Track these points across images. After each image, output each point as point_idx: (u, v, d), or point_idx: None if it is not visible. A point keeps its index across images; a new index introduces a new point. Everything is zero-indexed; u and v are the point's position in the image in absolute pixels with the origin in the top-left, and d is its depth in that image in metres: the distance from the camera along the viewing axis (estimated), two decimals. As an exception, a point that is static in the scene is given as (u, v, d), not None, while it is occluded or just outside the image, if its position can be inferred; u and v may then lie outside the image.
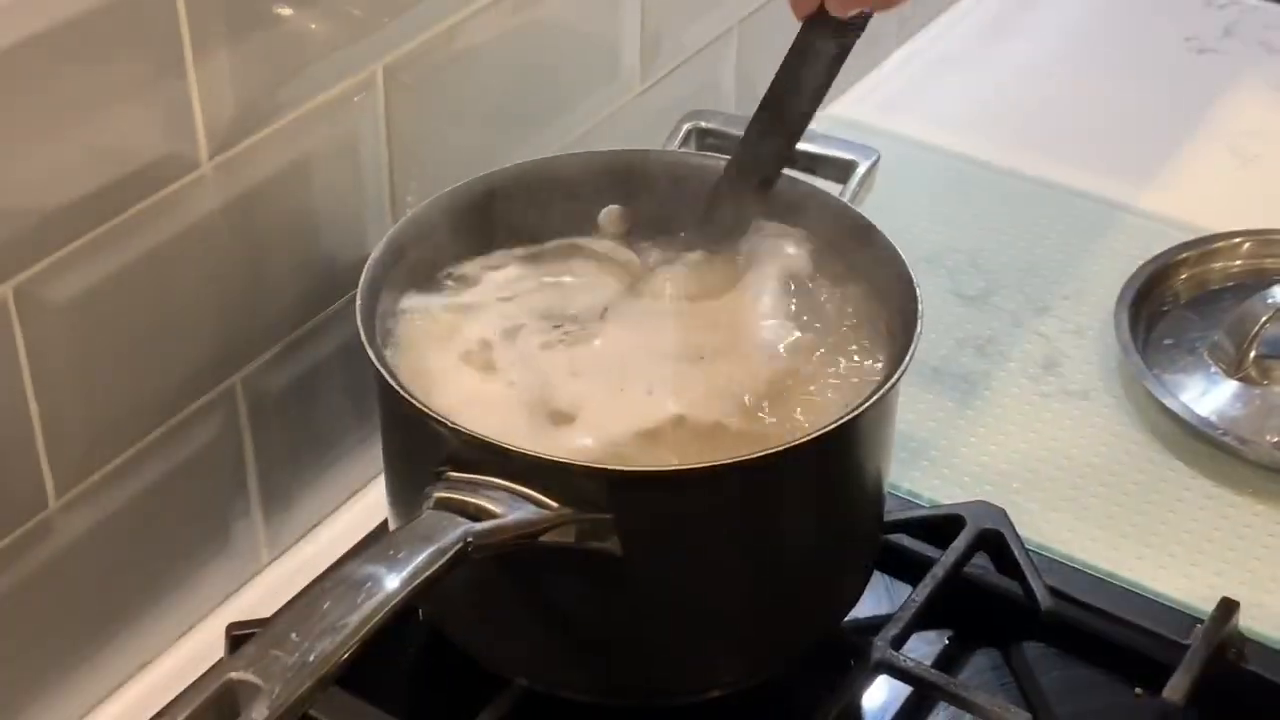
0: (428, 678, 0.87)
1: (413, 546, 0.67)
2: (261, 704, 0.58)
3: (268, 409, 0.90)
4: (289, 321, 0.90)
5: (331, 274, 0.91)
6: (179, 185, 0.80)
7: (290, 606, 0.64)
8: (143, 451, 0.83)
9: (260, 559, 0.93)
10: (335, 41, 0.86)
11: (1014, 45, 1.42)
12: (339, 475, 0.96)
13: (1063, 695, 0.85)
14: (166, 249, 0.80)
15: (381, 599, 0.63)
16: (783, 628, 0.81)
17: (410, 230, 0.85)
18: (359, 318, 0.78)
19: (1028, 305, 1.11)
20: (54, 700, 0.84)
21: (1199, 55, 1.40)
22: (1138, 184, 1.23)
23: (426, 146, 0.94)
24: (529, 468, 0.71)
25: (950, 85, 1.37)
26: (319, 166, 0.88)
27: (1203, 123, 1.31)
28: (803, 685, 0.83)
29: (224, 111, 0.80)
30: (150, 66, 0.76)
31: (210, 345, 0.85)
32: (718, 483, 0.74)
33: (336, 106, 0.87)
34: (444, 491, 0.71)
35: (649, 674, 0.80)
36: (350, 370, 0.93)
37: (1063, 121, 1.32)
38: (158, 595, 0.88)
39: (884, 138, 1.22)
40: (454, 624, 0.82)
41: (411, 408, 0.74)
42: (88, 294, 0.77)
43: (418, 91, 0.92)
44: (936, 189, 1.23)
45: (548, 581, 0.77)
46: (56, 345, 0.77)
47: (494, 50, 0.96)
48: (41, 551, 0.80)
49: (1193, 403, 1.01)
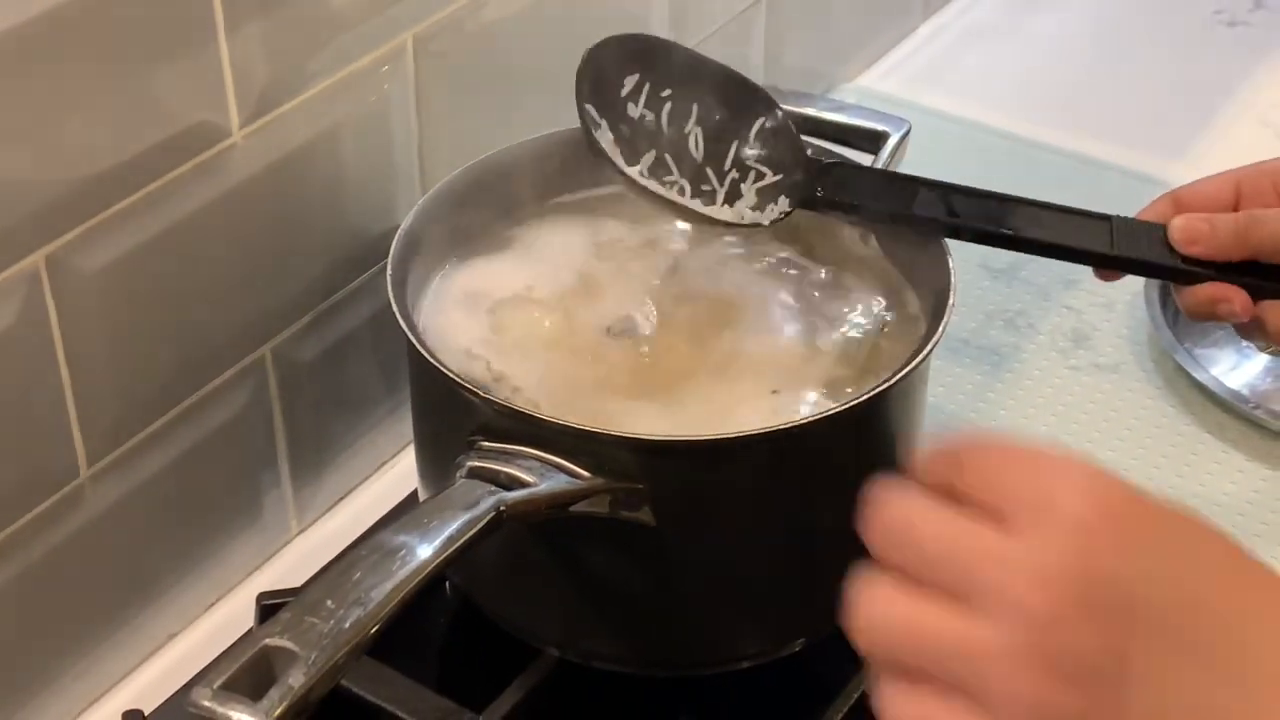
0: (458, 648, 0.87)
1: (446, 515, 0.67)
2: (298, 670, 0.58)
3: (298, 379, 0.90)
4: (319, 291, 0.89)
5: (361, 244, 0.90)
6: (210, 154, 0.80)
7: (324, 574, 0.64)
8: (173, 421, 0.83)
9: (289, 529, 0.94)
10: (365, 11, 0.86)
11: (1041, 18, 1.41)
12: (368, 446, 0.96)
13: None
14: (197, 218, 0.80)
15: (415, 567, 0.63)
16: (813, 599, 0.81)
17: (441, 200, 0.85)
18: (390, 288, 0.78)
19: (1057, 279, 1.11)
20: (85, 669, 0.84)
21: (1229, 28, 1.39)
22: (1167, 157, 1.23)
23: (456, 116, 0.93)
24: (561, 437, 0.71)
25: (978, 58, 1.36)
26: (349, 136, 0.87)
27: (1233, 95, 1.30)
28: (832, 657, 0.82)
29: (255, 80, 0.80)
30: (182, 35, 0.76)
31: (240, 315, 0.85)
32: (750, 452, 0.74)
33: (367, 76, 0.87)
34: (476, 461, 0.71)
35: (680, 644, 0.80)
36: (380, 340, 0.93)
37: (1092, 94, 1.31)
38: (187, 565, 0.88)
39: (912, 110, 1.21)
40: (485, 594, 0.82)
41: (444, 377, 0.74)
42: (119, 263, 0.77)
43: (448, 61, 0.92)
44: (964, 161, 1.22)
45: (579, 551, 0.77)
46: (88, 314, 0.77)
47: (523, 20, 0.96)
48: (73, 520, 0.80)
49: (1223, 376, 1.00)
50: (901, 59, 1.36)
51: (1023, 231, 0.75)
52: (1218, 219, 0.72)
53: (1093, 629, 0.47)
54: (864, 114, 0.94)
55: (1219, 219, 0.72)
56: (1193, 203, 0.75)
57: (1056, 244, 0.75)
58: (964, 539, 0.49)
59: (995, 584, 0.48)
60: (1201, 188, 0.75)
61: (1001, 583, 0.48)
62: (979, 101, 1.30)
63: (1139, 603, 0.48)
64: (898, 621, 0.50)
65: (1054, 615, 0.47)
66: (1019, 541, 0.48)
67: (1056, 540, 0.48)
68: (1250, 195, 0.74)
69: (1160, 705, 0.48)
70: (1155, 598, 0.48)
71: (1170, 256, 0.74)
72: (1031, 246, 0.76)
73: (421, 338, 0.77)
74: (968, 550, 0.49)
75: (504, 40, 0.95)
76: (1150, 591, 0.48)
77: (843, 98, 1.27)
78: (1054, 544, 0.48)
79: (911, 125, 0.94)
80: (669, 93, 0.82)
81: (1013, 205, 0.77)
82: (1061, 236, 0.75)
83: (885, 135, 0.92)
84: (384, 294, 0.79)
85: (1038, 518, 0.48)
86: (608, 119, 0.81)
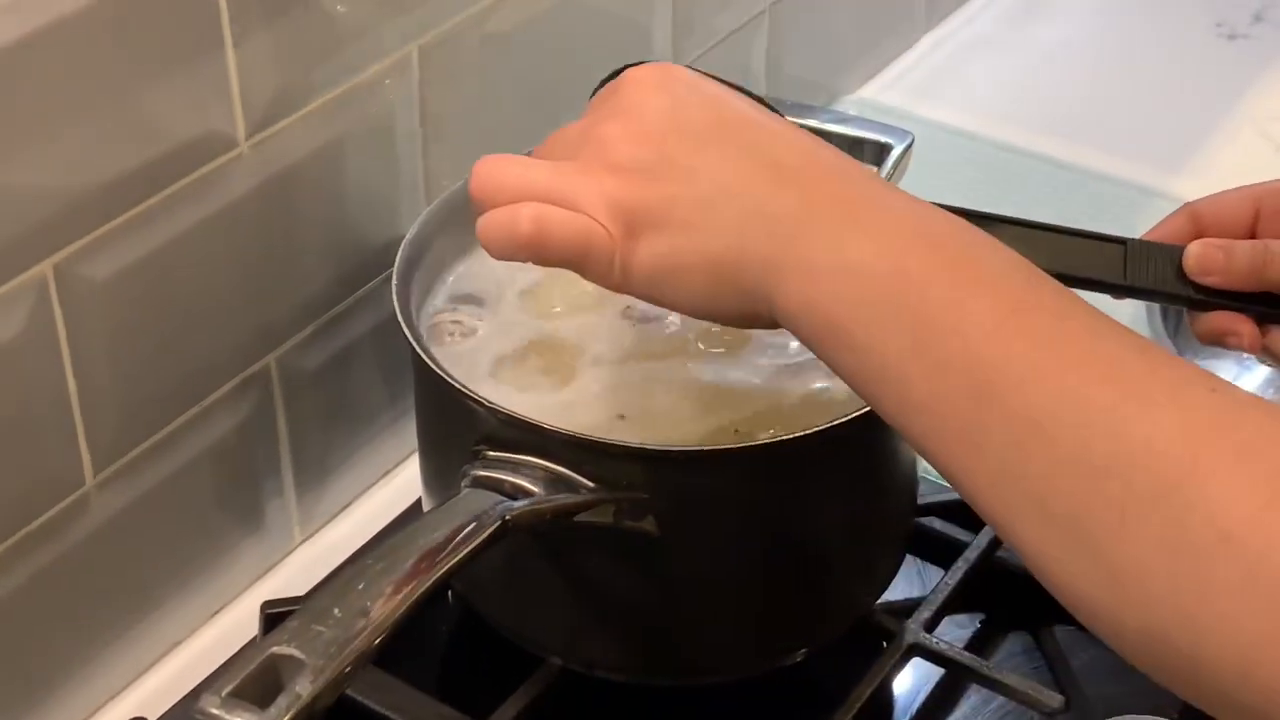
0: (461, 656, 0.87)
1: (452, 524, 0.67)
2: (305, 678, 0.58)
3: (302, 388, 0.90)
4: (323, 301, 0.90)
5: (366, 254, 0.91)
6: (216, 164, 0.80)
7: (331, 583, 0.64)
8: (178, 429, 0.84)
9: (293, 538, 0.94)
10: (371, 23, 0.86)
11: (1043, 30, 1.42)
12: (372, 454, 0.97)
13: (1094, 678, 0.85)
14: (204, 228, 0.80)
15: (421, 575, 0.63)
16: (817, 609, 0.81)
17: (445, 210, 0.85)
18: (395, 298, 0.78)
19: (1058, 290, 1.11)
20: (88, 676, 0.84)
21: (1229, 41, 1.40)
22: (1168, 170, 1.23)
23: (460, 127, 0.94)
24: (565, 447, 0.72)
25: (980, 70, 1.37)
26: (354, 147, 0.88)
27: (1233, 108, 1.31)
28: (836, 667, 0.83)
29: (262, 91, 0.81)
30: (190, 45, 0.77)
31: (245, 324, 0.86)
32: (753, 464, 0.74)
33: (372, 87, 0.87)
34: (481, 470, 0.71)
35: (682, 654, 0.80)
36: (383, 350, 0.94)
37: (1093, 107, 1.32)
38: (191, 573, 0.88)
39: (912, 121, 1.21)
40: (487, 602, 0.83)
41: (449, 387, 0.74)
42: (126, 271, 0.77)
43: (452, 73, 0.92)
44: (966, 173, 1.23)
45: (583, 560, 0.77)
46: (95, 322, 0.77)
47: (527, 32, 0.96)
48: (78, 528, 0.80)
49: (1224, 388, 1.01)
50: (903, 71, 1.37)
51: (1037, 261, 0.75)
52: (1235, 248, 0.72)
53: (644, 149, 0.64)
54: (867, 126, 0.94)
55: (1236, 248, 0.72)
56: (1211, 219, 0.75)
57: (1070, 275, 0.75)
58: (555, 138, 0.69)
59: (577, 135, 0.67)
60: (1220, 204, 0.75)
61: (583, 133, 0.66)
62: (980, 113, 1.30)
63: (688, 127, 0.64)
64: (509, 166, 0.67)
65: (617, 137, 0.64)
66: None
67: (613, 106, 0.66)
68: (1269, 215, 0.74)
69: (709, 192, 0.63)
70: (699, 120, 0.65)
71: (1184, 286, 0.74)
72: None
73: (426, 348, 0.77)
74: (559, 138, 0.68)
75: (508, 51, 0.96)
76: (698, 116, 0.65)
77: (844, 109, 1.28)
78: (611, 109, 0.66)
79: (915, 137, 0.95)
80: None
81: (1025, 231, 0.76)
82: (1075, 266, 0.75)
83: (889, 147, 0.92)
84: (387, 304, 0.79)
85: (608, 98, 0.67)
86: None
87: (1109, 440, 0.53)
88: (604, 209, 0.63)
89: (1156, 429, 0.53)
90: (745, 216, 0.62)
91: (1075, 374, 0.55)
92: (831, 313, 0.59)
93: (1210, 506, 0.51)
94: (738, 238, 0.62)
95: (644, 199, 0.63)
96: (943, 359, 0.57)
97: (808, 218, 0.61)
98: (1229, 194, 0.76)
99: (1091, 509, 0.53)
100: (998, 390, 0.56)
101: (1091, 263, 0.75)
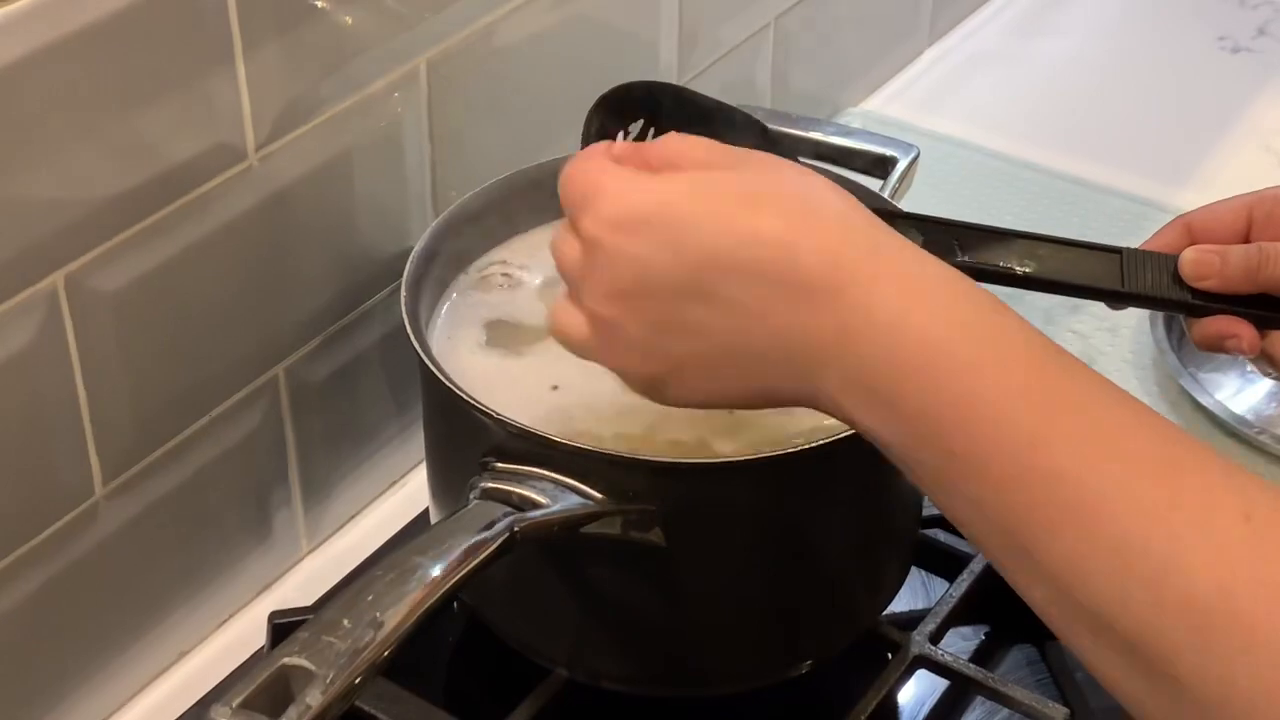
0: (468, 667, 0.87)
1: (460, 536, 0.67)
2: (315, 689, 0.58)
3: (309, 399, 0.90)
4: (331, 313, 0.90)
5: (373, 265, 0.91)
6: (226, 177, 0.80)
7: (340, 594, 0.64)
8: (187, 440, 0.84)
9: (300, 548, 0.94)
10: (380, 36, 0.86)
11: (1046, 44, 1.42)
12: (378, 465, 0.97)
13: (1099, 690, 0.83)
14: (213, 240, 0.81)
15: (431, 587, 0.64)
16: (822, 621, 0.82)
17: (453, 223, 0.85)
18: (404, 309, 0.79)
19: (1062, 303, 1.11)
20: (95, 686, 0.84)
21: (1232, 55, 1.40)
22: (1171, 183, 1.23)
23: (468, 140, 0.94)
24: (573, 459, 0.72)
25: (983, 83, 1.37)
26: (363, 159, 0.88)
27: (1236, 122, 1.31)
28: (841, 679, 0.83)
29: (271, 104, 0.81)
30: (200, 59, 0.77)
31: (254, 336, 0.86)
32: (759, 476, 0.74)
33: (380, 100, 0.88)
34: (490, 482, 0.71)
35: (689, 665, 0.80)
36: (391, 361, 0.94)
37: (1096, 120, 1.32)
38: (198, 583, 0.88)
39: (915, 134, 1.22)
40: (495, 613, 0.83)
41: (457, 398, 0.74)
42: (136, 283, 0.78)
43: (460, 86, 0.92)
44: (969, 186, 1.23)
45: (590, 572, 0.77)
46: (105, 334, 0.77)
47: (534, 45, 0.97)
48: (87, 538, 0.80)
49: (1228, 401, 1.01)
50: (906, 84, 1.37)
51: (1036, 271, 0.75)
52: (1229, 252, 0.72)
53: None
54: (872, 139, 0.94)
55: (1230, 252, 0.72)
56: (1204, 229, 0.75)
57: (1069, 283, 0.76)
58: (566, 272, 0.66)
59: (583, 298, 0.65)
60: (1213, 213, 0.76)
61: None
62: (983, 126, 1.31)
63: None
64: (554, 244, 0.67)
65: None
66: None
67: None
68: (1261, 221, 0.75)
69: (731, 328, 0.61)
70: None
71: (1181, 291, 0.74)
72: (1044, 285, 0.77)
73: (435, 359, 0.77)
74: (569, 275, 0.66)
75: (516, 65, 0.96)
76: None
77: (849, 122, 1.28)
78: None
79: (919, 150, 0.95)
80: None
81: (1024, 242, 0.77)
82: (1073, 275, 0.76)
83: (894, 160, 0.93)
84: (395, 315, 0.79)
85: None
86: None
87: (1181, 576, 0.53)
88: (633, 385, 0.66)
89: (1234, 577, 0.53)
90: (769, 358, 0.61)
91: (1156, 489, 0.55)
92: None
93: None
94: (768, 377, 0.62)
95: (660, 373, 0.64)
96: (1013, 474, 0.57)
97: (844, 337, 0.59)
98: (1222, 204, 0.76)
99: (1155, 641, 0.53)
100: (1080, 516, 0.55)
101: (1089, 272, 0.75)
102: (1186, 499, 0.55)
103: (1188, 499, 0.55)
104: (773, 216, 0.61)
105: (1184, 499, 0.55)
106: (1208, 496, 0.55)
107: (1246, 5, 1.46)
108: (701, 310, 0.61)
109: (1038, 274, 0.76)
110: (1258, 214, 0.75)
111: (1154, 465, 0.55)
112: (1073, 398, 0.58)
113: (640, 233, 0.62)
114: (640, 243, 0.62)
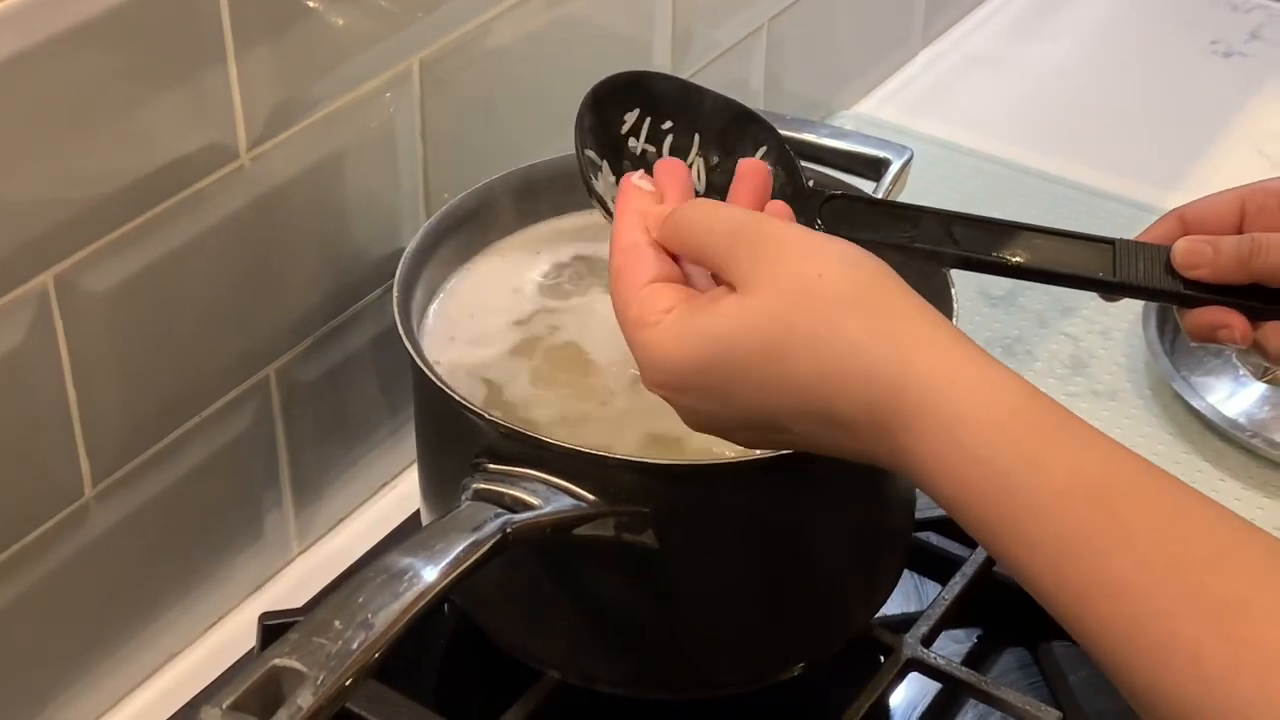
0: (459, 670, 0.87)
1: (452, 537, 0.67)
2: (306, 690, 0.58)
3: (300, 400, 0.90)
4: (322, 313, 0.90)
5: (365, 266, 0.91)
6: (217, 177, 0.80)
7: (332, 595, 0.64)
8: (177, 441, 0.84)
9: (290, 550, 0.94)
10: (372, 36, 0.86)
11: (1038, 48, 1.42)
12: (370, 466, 0.97)
13: (1091, 693, 0.85)
14: (204, 239, 0.81)
15: (422, 589, 0.64)
16: (815, 624, 0.82)
17: (445, 223, 0.85)
18: (396, 310, 0.79)
19: (1054, 305, 1.12)
20: (85, 687, 0.84)
21: (1225, 59, 1.40)
22: (1164, 186, 1.23)
23: (461, 141, 0.94)
24: (566, 460, 0.72)
25: (975, 86, 1.37)
26: (355, 160, 0.88)
27: (1229, 126, 1.31)
28: (833, 681, 0.83)
29: (263, 104, 0.81)
30: (191, 58, 0.77)
31: (245, 336, 0.86)
32: (753, 478, 0.74)
33: (372, 100, 0.87)
34: (482, 483, 0.71)
35: (681, 667, 0.80)
36: (382, 362, 0.94)
37: (1088, 124, 1.32)
38: (189, 584, 0.88)
39: (911, 137, 1.22)
40: (486, 616, 0.83)
41: (449, 399, 0.74)
42: (127, 283, 0.77)
43: (452, 86, 0.92)
44: (962, 189, 1.23)
45: (582, 574, 0.77)
46: (95, 334, 0.77)
47: (527, 46, 0.97)
48: (77, 539, 0.80)
49: (1220, 404, 1.01)
50: (899, 86, 1.37)
51: (1029, 261, 0.76)
52: (1221, 242, 0.73)
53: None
54: (866, 141, 0.94)
55: (1222, 242, 0.73)
56: (1198, 221, 0.75)
57: (1062, 272, 0.76)
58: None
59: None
60: (1207, 205, 0.76)
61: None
62: (976, 129, 1.31)
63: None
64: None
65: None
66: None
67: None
68: (1254, 213, 0.75)
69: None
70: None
71: (1173, 281, 0.74)
72: (1037, 275, 0.77)
73: (427, 360, 0.77)
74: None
75: (508, 65, 0.96)
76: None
77: (842, 124, 1.28)
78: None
79: (913, 153, 0.95)
80: (670, 125, 0.83)
81: (1017, 233, 0.77)
82: (1066, 265, 0.76)
83: (887, 162, 0.93)
84: (387, 316, 0.79)
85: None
86: (609, 159, 0.81)
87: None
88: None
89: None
90: (846, 451, 0.64)
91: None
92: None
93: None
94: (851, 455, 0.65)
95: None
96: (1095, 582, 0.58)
97: (897, 462, 0.62)
98: (1215, 196, 0.77)
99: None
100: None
101: (1082, 261, 0.76)
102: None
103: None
104: (806, 363, 0.63)
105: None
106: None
107: (1239, 9, 1.46)
108: (770, 435, 0.66)
109: (1030, 264, 0.76)
110: (1250, 206, 0.75)
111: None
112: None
113: (687, 394, 0.65)
114: (691, 398, 0.66)
